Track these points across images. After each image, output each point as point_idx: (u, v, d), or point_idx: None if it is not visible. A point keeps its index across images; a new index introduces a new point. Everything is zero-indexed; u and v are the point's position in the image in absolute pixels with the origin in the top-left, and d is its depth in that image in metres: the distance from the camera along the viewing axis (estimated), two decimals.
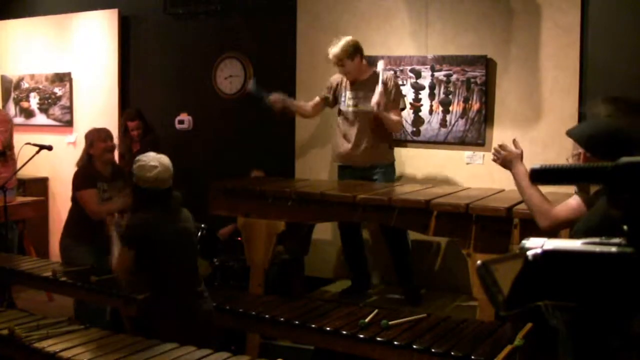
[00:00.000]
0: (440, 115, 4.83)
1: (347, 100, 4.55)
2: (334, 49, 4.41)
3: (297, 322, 3.31)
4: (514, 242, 3.28)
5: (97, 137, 4.47)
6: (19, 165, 4.84)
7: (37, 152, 4.74)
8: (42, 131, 6.56)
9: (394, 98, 4.44)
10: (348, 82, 4.55)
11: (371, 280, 4.72)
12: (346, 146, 4.53)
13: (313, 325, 3.24)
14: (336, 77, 4.64)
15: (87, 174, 4.43)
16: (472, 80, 4.70)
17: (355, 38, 4.56)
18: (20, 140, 5.45)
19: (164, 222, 3.24)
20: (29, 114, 6.86)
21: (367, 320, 3.19)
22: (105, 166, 4.49)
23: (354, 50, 4.44)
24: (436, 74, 4.81)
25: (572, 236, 2.46)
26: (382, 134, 4.48)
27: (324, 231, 5.03)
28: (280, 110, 4.75)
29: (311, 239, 4.91)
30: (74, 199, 4.52)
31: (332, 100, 4.67)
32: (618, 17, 4.38)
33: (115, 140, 4.83)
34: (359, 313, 3.38)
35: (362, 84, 4.50)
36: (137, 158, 3.31)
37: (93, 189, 4.37)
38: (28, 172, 5.68)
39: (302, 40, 5.37)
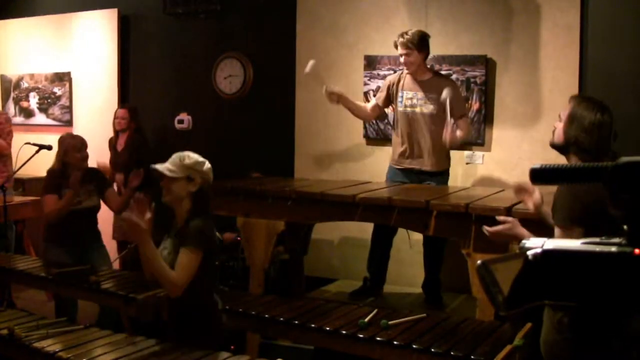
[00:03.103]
0: None
1: (404, 101, 4.43)
2: (407, 36, 4.29)
3: (297, 322, 3.30)
4: (514, 242, 3.27)
5: (72, 147, 4.38)
6: (19, 165, 4.83)
7: (37, 152, 4.74)
8: (41, 131, 6.56)
9: (457, 105, 4.33)
10: (405, 82, 4.44)
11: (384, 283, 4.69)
12: (401, 148, 4.46)
13: (313, 325, 3.23)
14: (392, 78, 4.53)
15: (54, 181, 4.36)
16: (472, 80, 4.70)
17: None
18: (20, 140, 5.44)
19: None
20: (28, 113, 6.86)
21: (366, 320, 3.19)
22: (77, 173, 4.41)
23: (424, 43, 4.34)
24: None
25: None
26: (440, 138, 4.34)
27: (324, 231, 5.03)
28: (334, 103, 4.59)
29: (311, 238, 4.90)
30: None
31: (386, 99, 4.54)
32: (618, 17, 4.38)
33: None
34: (359, 313, 3.37)
35: (421, 85, 4.39)
36: (190, 155, 3.04)
37: (55, 195, 4.33)
38: (28, 172, 5.67)
39: (302, 40, 5.37)
